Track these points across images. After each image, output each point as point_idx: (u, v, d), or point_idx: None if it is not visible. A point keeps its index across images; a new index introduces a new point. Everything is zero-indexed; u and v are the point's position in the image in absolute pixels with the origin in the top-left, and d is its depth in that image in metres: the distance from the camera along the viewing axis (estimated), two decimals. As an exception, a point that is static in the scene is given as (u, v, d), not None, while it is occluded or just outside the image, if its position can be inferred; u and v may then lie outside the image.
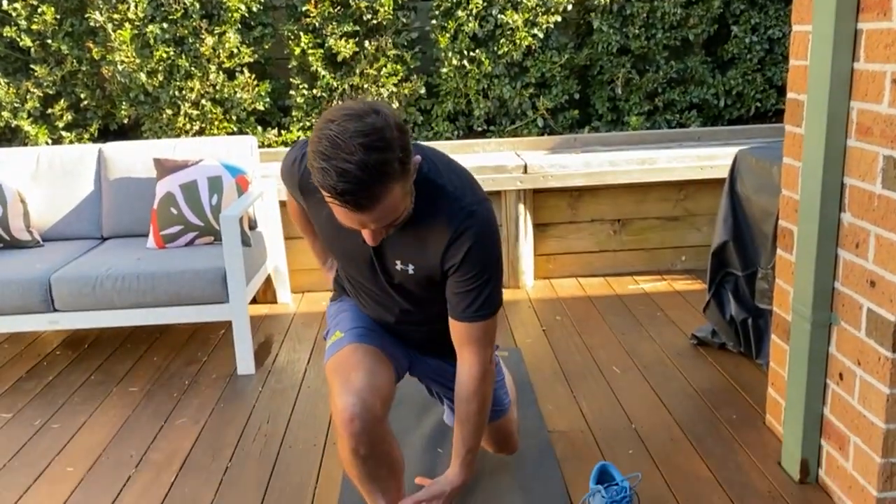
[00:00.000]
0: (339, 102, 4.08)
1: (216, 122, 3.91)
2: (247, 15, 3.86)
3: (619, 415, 2.48)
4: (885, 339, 1.72)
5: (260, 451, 2.37)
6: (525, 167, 3.63)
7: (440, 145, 3.84)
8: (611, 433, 2.37)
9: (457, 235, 1.56)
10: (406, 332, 1.85)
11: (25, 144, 3.92)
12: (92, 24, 3.78)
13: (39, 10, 3.77)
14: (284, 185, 1.77)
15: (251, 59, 3.90)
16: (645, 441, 2.32)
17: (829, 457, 1.99)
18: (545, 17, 3.89)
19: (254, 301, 3.69)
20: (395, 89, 3.95)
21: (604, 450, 2.28)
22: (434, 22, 3.94)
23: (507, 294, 3.70)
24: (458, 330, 1.66)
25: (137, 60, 3.78)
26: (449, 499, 1.70)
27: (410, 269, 1.64)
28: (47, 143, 3.91)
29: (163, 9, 3.77)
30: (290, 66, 3.98)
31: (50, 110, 3.90)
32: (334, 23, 3.86)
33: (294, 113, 4.00)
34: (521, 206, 3.70)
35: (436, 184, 1.56)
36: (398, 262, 1.65)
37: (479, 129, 4.13)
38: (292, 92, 3.96)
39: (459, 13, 3.85)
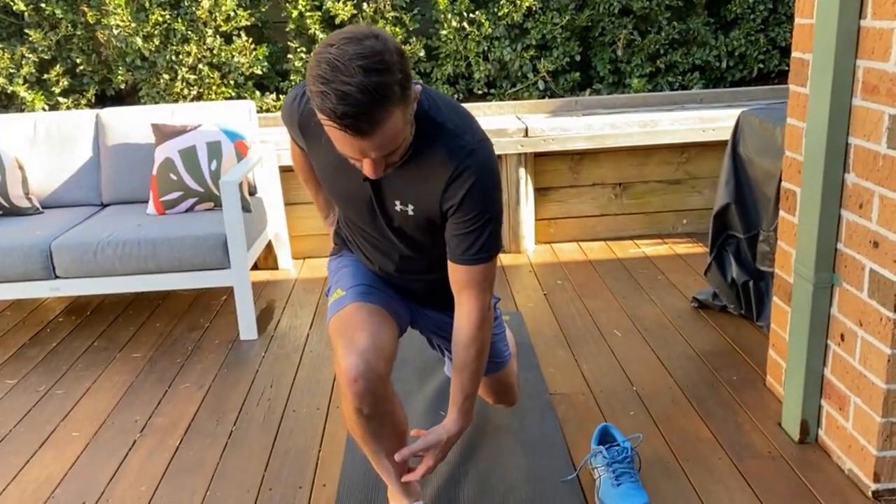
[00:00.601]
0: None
1: (214, 87, 3.87)
2: (243, -23, 3.81)
3: (620, 377, 2.49)
4: (887, 299, 1.71)
5: (264, 415, 2.39)
6: (526, 130, 3.60)
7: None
8: (612, 395, 2.39)
9: (457, 174, 1.53)
10: (407, 281, 1.84)
11: (22, 110, 3.89)
12: (86, -13, 3.73)
13: (32, -27, 3.71)
14: (285, 125, 1.74)
15: (248, 23, 3.85)
16: (646, 403, 2.33)
17: (829, 417, 2.01)
18: (546, -23, 3.84)
19: (255, 267, 3.70)
20: (394, 52, 3.90)
21: (605, 412, 2.30)
22: (433, -17, 3.88)
23: (508, 259, 3.70)
24: (456, 273, 1.64)
25: (133, 24, 3.73)
26: (447, 447, 1.69)
27: (410, 209, 1.62)
28: (44, 109, 3.87)
29: (157, -29, 3.72)
30: (287, 30, 3.93)
31: (46, 76, 3.86)
32: (332, -16, 3.80)
33: (292, 77, 3.96)
34: (522, 170, 3.67)
35: (436, 121, 1.53)
36: (398, 202, 1.62)
37: (480, 92, 4.09)
38: (290, 56, 3.91)
39: (459, -26, 3.79)
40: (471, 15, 3.89)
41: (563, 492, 1.93)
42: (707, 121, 3.62)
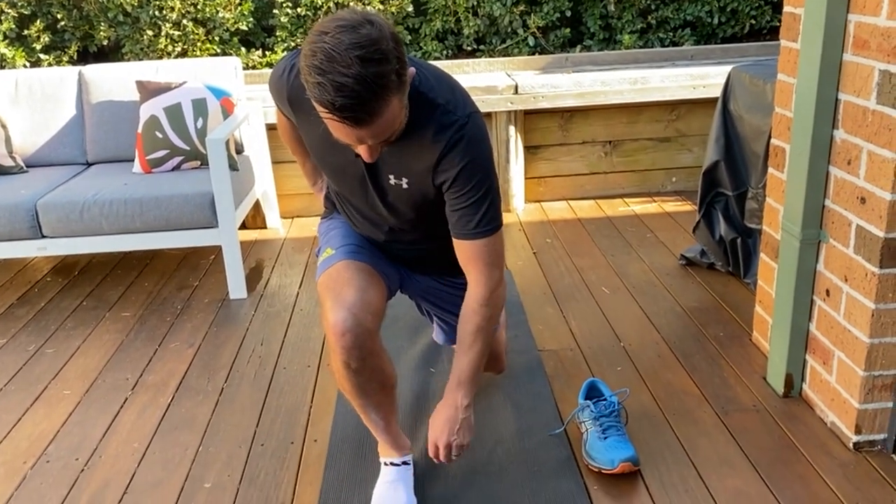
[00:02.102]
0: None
1: (199, 44, 3.81)
2: (226, -71, 3.72)
3: (607, 333, 2.52)
4: (872, 255, 1.73)
5: (255, 372, 2.40)
6: (516, 88, 3.57)
7: (429, 66, 3.76)
8: (600, 351, 2.41)
9: (448, 149, 1.54)
10: (396, 249, 1.85)
11: (2, 67, 3.82)
12: (65, -61, 3.63)
13: (9, -76, 3.61)
14: (272, 96, 1.73)
15: (232, -23, 3.77)
16: (633, 358, 2.36)
17: (813, 371, 2.04)
18: (536, -70, 3.77)
19: (243, 227, 3.68)
20: (381, 7, 3.84)
21: (592, 367, 2.33)
22: (421, -64, 3.81)
23: (498, 217, 3.69)
24: (462, 249, 1.64)
25: (114, -22, 3.65)
26: (441, 426, 1.65)
27: (404, 183, 1.62)
28: (25, 66, 3.80)
29: (138, -77, 3.63)
30: (273, -16, 3.86)
31: (26, 32, 3.78)
32: (318, -63, 3.72)
33: (278, 33, 3.89)
34: (512, 128, 3.65)
35: (427, 97, 1.54)
36: (391, 177, 1.63)
37: (469, 48, 4.04)
38: (276, 11, 3.84)
39: (447, -74, 3.71)
40: (460, -31, 3.82)
41: (551, 445, 1.96)
42: (698, 78, 3.60)
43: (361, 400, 1.72)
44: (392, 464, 1.80)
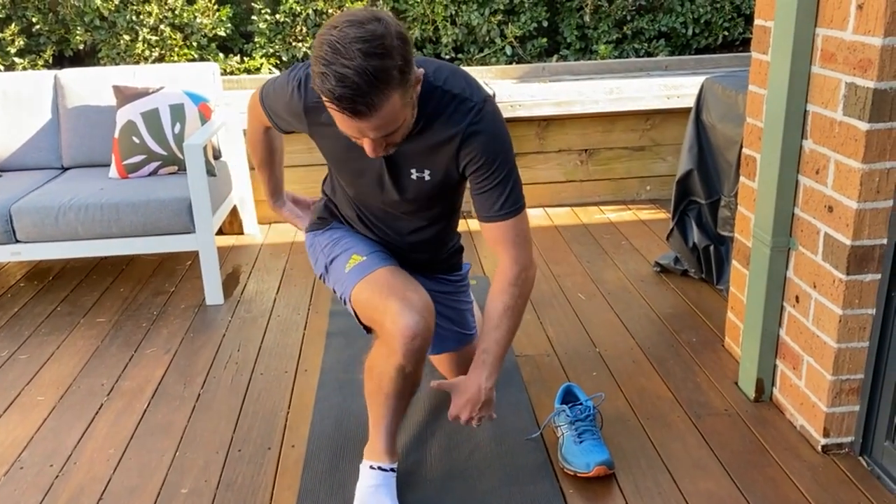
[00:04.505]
0: (303, 29, 3.99)
1: (176, 49, 3.80)
2: (205, -65, 3.72)
3: (583, 339, 2.55)
4: (840, 262, 1.78)
5: (231, 378, 2.39)
6: (493, 96, 3.60)
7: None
8: (575, 356, 2.44)
9: (469, 134, 1.58)
10: (402, 247, 1.88)
11: (-24, 71, 3.78)
12: (41, -58, 3.61)
13: (-16, -73, 3.59)
14: (278, 114, 1.74)
15: (211, -17, 3.77)
16: (608, 363, 2.39)
17: (783, 376, 2.08)
18: (514, -60, 3.81)
19: (220, 232, 3.67)
20: (360, 15, 3.86)
21: (568, 372, 2.35)
22: (400, -55, 3.84)
23: (477, 223, 3.72)
24: (489, 232, 1.68)
25: (91, -18, 3.64)
26: (460, 401, 1.69)
27: (427, 174, 1.66)
28: (-1, 70, 3.77)
29: (116, -73, 3.62)
30: (251, -10, 3.86)
31: (0, 35, 3.75)
32: (297, -56, 3.74)
33: (256, 39, 3.90)
34: (489, 136, 3.68)
35: (443, 89, 1.59)
36: (413, 171, 1.66)
37: (447, 56, 4.07)
38: (254, 17, 3.85)
39: (426, -64, 3.75)
40: (438, -22, 3.86)
41: (528, 449, 1.98)
42: (672, 88, 3.66)
43: (394, 402, 1.73)
44: (381, 468, 1.80)
